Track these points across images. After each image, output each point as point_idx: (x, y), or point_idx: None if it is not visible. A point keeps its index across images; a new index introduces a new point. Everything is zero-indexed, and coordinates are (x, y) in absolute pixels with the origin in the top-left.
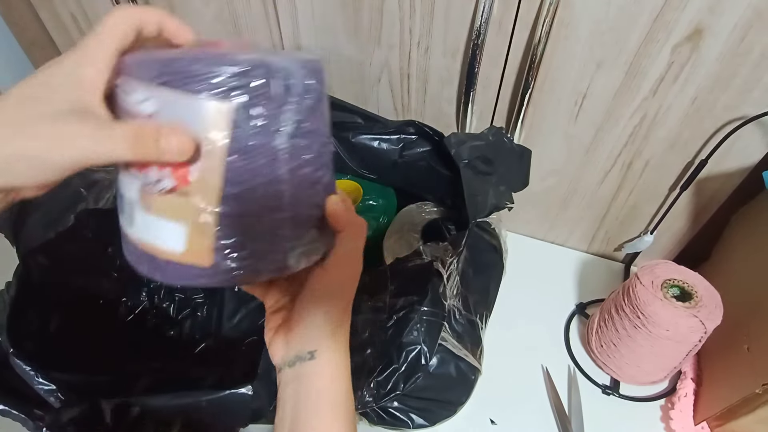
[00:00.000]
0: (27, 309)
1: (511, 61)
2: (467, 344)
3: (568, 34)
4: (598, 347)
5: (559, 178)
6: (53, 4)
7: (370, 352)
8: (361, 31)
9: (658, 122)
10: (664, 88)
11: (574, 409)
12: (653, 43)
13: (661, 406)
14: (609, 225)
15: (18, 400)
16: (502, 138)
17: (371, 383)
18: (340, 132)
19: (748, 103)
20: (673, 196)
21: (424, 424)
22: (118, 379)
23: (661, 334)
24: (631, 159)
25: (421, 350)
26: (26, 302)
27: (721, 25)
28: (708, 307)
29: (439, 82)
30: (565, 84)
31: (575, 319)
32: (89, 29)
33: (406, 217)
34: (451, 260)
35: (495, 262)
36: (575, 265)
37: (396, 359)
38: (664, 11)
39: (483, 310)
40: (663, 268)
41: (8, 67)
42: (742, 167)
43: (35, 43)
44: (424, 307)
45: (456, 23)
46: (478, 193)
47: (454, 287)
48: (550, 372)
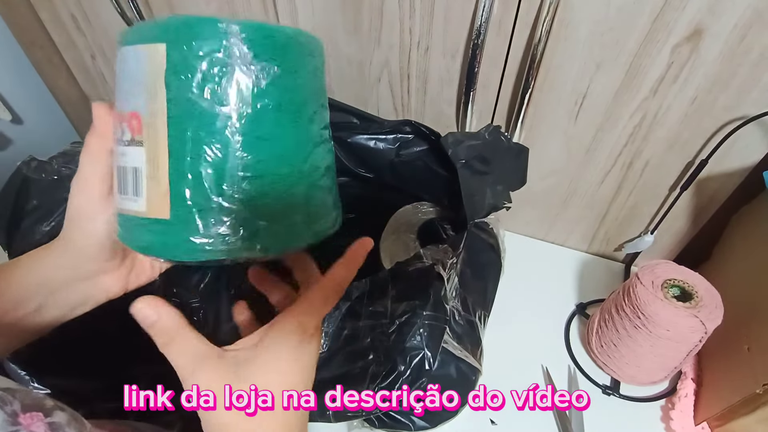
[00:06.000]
0: None
1: (511, 62)
2: (467, 345)
3: (568, 34)
4: (599, 347)
5: (559, 178)
6: (53, 4)
7: (373, 358)
8: (360, 31)
9: (658, 122)
10: (664, 89)
11: (575, 410)
12: (653, 44)
13: (661, 406)
14: (609, 225)
15: None
16: (499, 137)
17: (375, 389)
18: (335, 132)
19: (748, 103)
20: (674, 196)
21: (426, 426)
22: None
23: (662, 335)
24: (631, 159)
25: (425, 355)
26: None
27: (720, 26)
28: (708, 307)
29: (439, 83)
30: (565, 84)
31: (575, 319)
32: (89, 29)
33: (402, 218)
34: (451, 262)
35: (493, 262)
36: (575, 265)
37: (399, 365)
38: (664, 12)
39: (482, 310)
40: (663, 268)
41: (8, 67)
42: (743, 167)
43: (35, 43)
44: (426, 312)
45: (456, 23)
46: (476, 193)
47: (452, 288)
48: (550, 372)
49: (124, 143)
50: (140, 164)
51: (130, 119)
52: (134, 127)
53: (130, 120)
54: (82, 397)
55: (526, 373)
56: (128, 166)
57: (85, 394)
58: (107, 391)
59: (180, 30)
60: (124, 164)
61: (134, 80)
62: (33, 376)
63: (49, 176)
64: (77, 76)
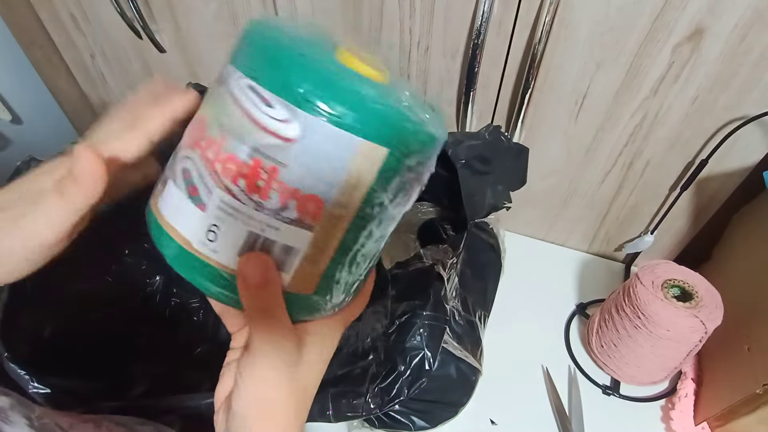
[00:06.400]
0: (20, 314)
1: (511, 62)
2: (467, 345)
3: (568, 34)
4: (599, 347)
5: (560, 178)
6: (53, 4)
7: (373, 358)
8: (360, 31)
9: (659, 122)
10: (664, 88)
11: (575, 410)
12: (653, 43)
13: (661, 406)
14: (609, 225)
15: None
16: (500, 136)
17: (375, 390)
18: None
19: (748, 102)
20: (674, 196)
21: (426, 426)
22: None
23: (662, 335)
24: (631, 159)
25: (425, 355)
26: (20, 307)
27: (721, 25)
28: (708, 307)
29: (439, 82)
30: (565, 84)
31: (575, 319)
32: (89, 29)
33: (402, 217)
34: (451, 262)
35: (493, 262)
36: (575, 265)
37: (399, 365)
38: (665, 11)
39: (482, 310)
40: (663, 268)
41: (8, 67)
42: (743, 167)
43: (35, 43)
44: (426, 312)
45: (456, 23)
46: (476, 193)
47: (452, 288)
48: (550, 372)
49: (279, 217)
50: (300, 246)
51: (305, 200)
52: (308, 210)
53: (304, 201)
54: (82, 397)
55: (526, 373)
56: (278, 241)
57: (85, 394)
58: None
59: (408, 137)
60: (266, 234)
61: (328, 163)
62: (33, 376)
63: None
64: (77, 76)
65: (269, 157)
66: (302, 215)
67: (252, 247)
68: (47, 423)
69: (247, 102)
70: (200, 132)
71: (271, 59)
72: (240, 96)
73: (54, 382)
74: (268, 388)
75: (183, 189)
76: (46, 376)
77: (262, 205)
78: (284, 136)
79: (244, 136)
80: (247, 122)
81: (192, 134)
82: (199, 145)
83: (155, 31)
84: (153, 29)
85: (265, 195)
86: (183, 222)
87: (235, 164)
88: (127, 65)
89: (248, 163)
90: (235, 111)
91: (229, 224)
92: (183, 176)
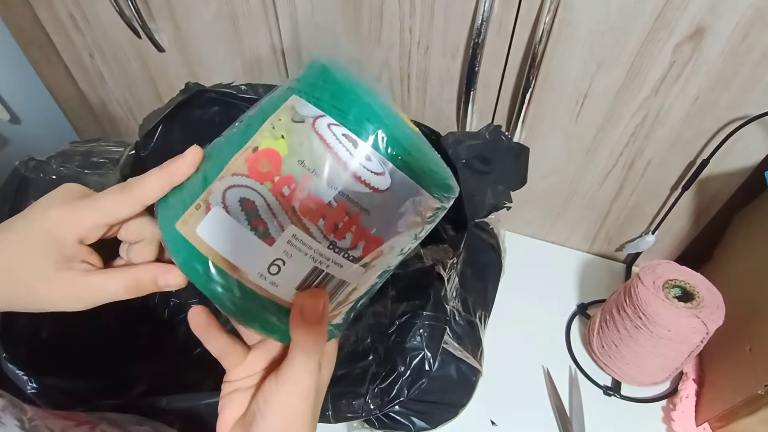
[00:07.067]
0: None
1: (512, 61)
2: (467, 345)
3: (569, 34)
4: (600, 348)
5: (560, 178)
6: (51, 4)
7: (373, 358)
8: (360, 31)
9: (660, 122)
10: (665, 88)
11: (575, 410)
12: (654, 43)
13: (662, 407)
14: (610, 225)
15: None
16: (500, 136)
17: (375, 390)
18: None
19: (749, 102)
20: (675, 196)
21: (426, 426)
22: (113, 384)
23: (663, 335)
24: (632, 159)
25: (425, 356)
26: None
27: (722, 25)
28: (710, 307)
29: (439, 82)
30: (565, 84)
31: (576, 319)
32: (87, 28)
33: None
34: (451, 262)
35: (493, 262)
36: (576, 265)
37: (399, 365)
38: (666, 11)
39: (482, 311)
40: (665, 269)
41: (6, 67)
42: (744, 167)
43: (33, 43)
44: (426, 312)
45: (456, 23)
46: (476, 193)
47: (453, 289)
48: (551, 373)
49: (346, 255)
50: (353, 282)
51: (371, 242)
52: (370, 250)
53: (370, 242)
54: (82, 397)
55: (526, 373)
56: (336, 276)
57: (84, 394)
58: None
59: (448, 191)
60: (328, 270)
61: (397, 211)
62: (32, 376)
63: (48, 176)
64: (75, 76)
65: (355, 203)
66: (365, 255)
67: (311, 282)
68: (39, 425)
69: (342, 150)
70: (272, 166)
71: (375, 117)
72: (333, 142)
73: (52, 383)
74: (296, 415)
75: (243, 220)
76: (45, 377)
77: (336, 244)
78: (376, 188)
79: (334, 180)
80: (339, 168)
81: (256, 165)
82: (269, 178)
83: (154, 31)
84: (152, 29)
85: (341, 235)
86: (240, 253)
87: (317, 204)
88: (126, 65)
89: (333, 206)
90: (325, 155)
91: (297, 259)
92: (241, 206)
